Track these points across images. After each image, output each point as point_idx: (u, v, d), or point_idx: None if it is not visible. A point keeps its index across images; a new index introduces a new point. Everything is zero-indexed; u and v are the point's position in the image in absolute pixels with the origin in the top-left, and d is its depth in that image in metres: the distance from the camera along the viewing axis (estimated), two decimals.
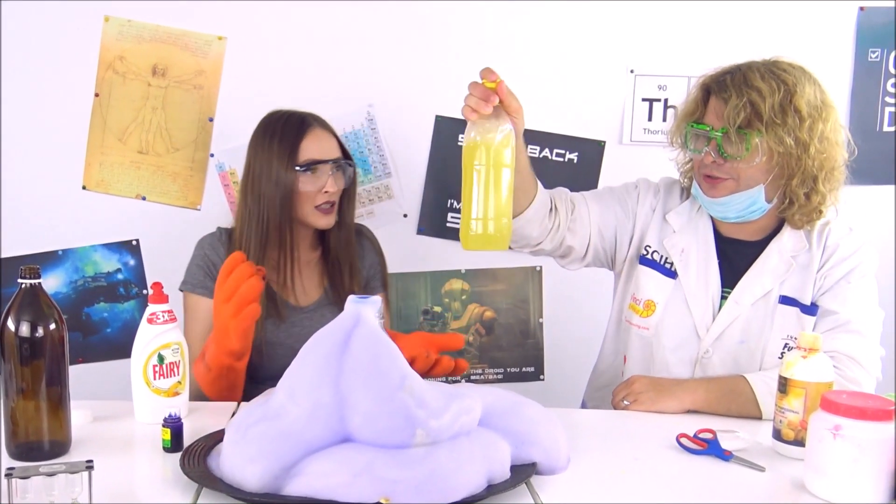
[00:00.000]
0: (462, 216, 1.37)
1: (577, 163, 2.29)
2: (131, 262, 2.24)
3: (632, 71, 2.27)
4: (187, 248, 1.86)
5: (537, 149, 2.26)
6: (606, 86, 2.27)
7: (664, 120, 2.26)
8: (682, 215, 1.75)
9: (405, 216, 2.30)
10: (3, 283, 2.16)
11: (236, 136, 2.09)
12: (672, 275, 1.72)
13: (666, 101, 2.28)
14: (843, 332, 1.60)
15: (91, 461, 1.08)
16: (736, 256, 1.70)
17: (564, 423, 1.32)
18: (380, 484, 1.07)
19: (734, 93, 1.58)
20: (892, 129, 2.32)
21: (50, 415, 1.25)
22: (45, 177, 2.19)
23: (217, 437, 1.26)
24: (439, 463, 1.10)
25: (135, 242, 2.24)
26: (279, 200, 1.77)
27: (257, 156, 1.80)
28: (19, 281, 1.24)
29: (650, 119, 2.29)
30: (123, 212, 2.22)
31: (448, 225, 2.30)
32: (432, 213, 2.30)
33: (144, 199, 2.22)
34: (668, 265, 1.73)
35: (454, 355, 1.63)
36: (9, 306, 1.24)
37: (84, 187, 2.21)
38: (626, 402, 1.59)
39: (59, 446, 1.27)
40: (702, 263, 1.71)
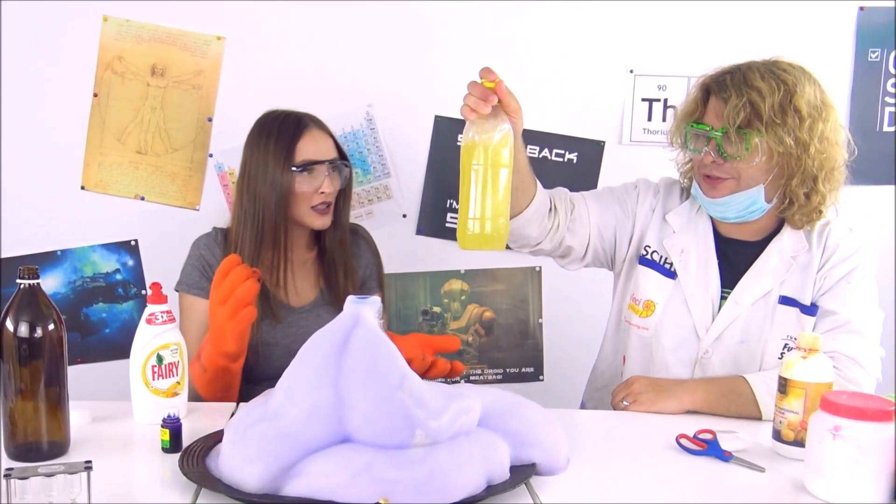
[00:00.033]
0: (459, 216, 1.37)
1: (576, 163, 2.29)
2: (130, 262, 2.24)
3: (631, 71, 2.27)
4: (186, 249, 1.85)
5: (537, 149, 2.26)
6: (606, 86, 2.27)
7: (664, 120, 2.26)
8: (682, 215, 1.75)
9: (404, 216, 2.30)
10: (1, 283, 2.16)
11: (235, 136, 2.07)
12: (672, 275, 1.72)
13: (666, 101, 2.27)
14: (842, 332, 1.60)
15: (90, 462, 1.07)
16: (736, 257, 1.70)
17: (564, 423, 1.31)
18: (379, 484, 1.07)
19: (734, 93, 1.58)
20: (892, 129, 2.32)
21: (49, 415, 1.25)
22: (43, 177, 2.18)
23: (216, 438, 1.26)
24: (438, 463, 1.10)
25: (133, 243, 2.24)
26: (275, 201, 1.76)
27: (253, 156, 1.80)
28: (18, 281, 1.24)
29: (650, 119, 2.28)
30: (122, 212, 2.22)
31: (447, 225, 2.29)
32: (432, 214, 2.29)
33: (143, 199, 2.22)
34: (667, 265, 1.73)
35: (450, 357, 1.63)
36: (7, 307, 1.23)
37: (83, 187, 2.21)
38: (626, 403, 1.58)
39: (58, 447, 1.27)
40: (701, 264, 1.70)
